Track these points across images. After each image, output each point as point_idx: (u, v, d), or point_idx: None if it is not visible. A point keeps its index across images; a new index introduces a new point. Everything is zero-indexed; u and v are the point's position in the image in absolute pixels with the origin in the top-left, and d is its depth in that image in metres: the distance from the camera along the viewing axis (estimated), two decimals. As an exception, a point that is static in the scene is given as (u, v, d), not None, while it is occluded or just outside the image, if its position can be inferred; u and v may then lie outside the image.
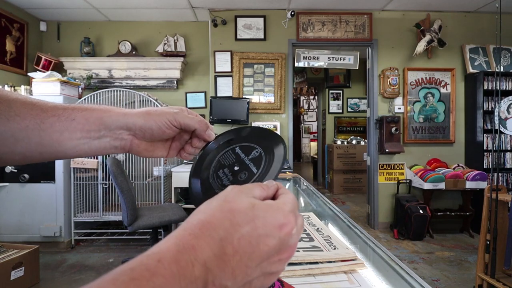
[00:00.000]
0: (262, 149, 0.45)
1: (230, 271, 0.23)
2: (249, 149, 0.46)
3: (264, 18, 3.67)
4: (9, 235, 2.91)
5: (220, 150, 0.47)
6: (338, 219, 1.01)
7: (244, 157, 0.45)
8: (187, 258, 0.22)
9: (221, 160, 0.46)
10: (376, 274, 0.58)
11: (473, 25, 3.75)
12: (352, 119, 6.12)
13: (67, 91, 3.16)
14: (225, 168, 0.45)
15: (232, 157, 0.46)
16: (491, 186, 2.01)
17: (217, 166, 0.46)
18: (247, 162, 0.45)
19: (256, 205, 0.26)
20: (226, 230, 0.24)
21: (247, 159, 0.45)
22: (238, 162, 0.45)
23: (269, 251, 0.25)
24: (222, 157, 0.46)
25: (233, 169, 0.45)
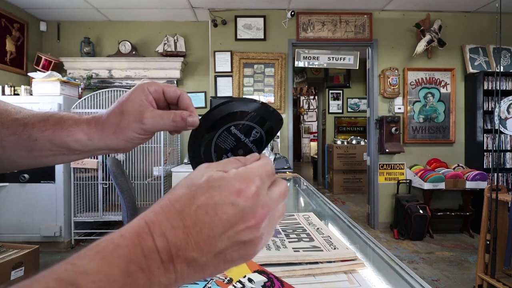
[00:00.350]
0: (261, 128, 0.41)
1: (194, 243, 0.23)
2: (247, 129, 0.42)
3: (264, 18, 3.67)
4: (9, 235, 2.91)
5: (215, 130, 0.42)
6: (338, 219, 1.01)
7: (244, 138, 0.42)
8: (147, 231, 0.23)
9: (220, 143, 0.42)
10: (376, 274, 0.58)
11: (473, 25, 3.75)
12: (352, 119, 6.12)
13: (67, 91, 3.16)
14: (228, 153, 0.42)
15: (231, 139, 0.42)
16: (491, 186, 2.01)
17: (217, 150, 0.42)
18: (250, 145, 0.41)
19: (212, 176, 0.26)
20: (183, 203, 0.24)
21: (248, 142, 0.41)
22: (239, 144, 0.42)
23: (230, 219, 0.24)
24: (220, 139, 0.42)
25: (236, 153, 0.42)
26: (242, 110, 0.42)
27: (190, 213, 0.24)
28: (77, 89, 3.34)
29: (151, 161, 3.27)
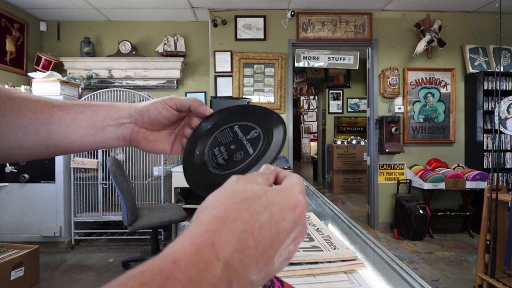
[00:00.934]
0: (262, 129, 0.43)
1: (255, 265, 0.22)
2: (248, 129, 0.44)
3: (264, 18, 3.67)
4: (9, 235, 2.91)
5: (219, 127, 0.45)
6: (338, 219, 1.01)
7: (242, 136, 0.43)
8: (207, 259, 0.19)
9: (218, 137, 0.44)
10: (376, 274, 0.58)
11: (473, 25, 3.75)
12: (352, 119, 6.12)
13: (67, 91, 3.16)
14: (221, 146, 0.43)
15: (230, 135, 0.44)
16: (491, 186, 2.01)
17: (214, 143, 0.44)
18: (245, 142, 0.43)
19: (268, 191, 0.25)
20: (246, 221, 0.22)
21: (244, 139, 0.43)
22: (235, 141, 0.43)
23: (287, 236, 0.24)
24: (220, 134, 0.44)
25: (229, 147, 0.43)
26: (252, 113, 0.45)
27: (254, 232, 0.22)
28: (77, 89, 3.34)
29: (151, 161, 3.27)
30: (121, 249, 3.07)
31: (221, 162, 0.42)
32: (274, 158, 0.40)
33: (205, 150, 0.44)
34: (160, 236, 3.19)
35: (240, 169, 0.41)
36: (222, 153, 0.43)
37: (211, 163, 0.43)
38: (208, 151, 0.43)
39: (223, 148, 0.43)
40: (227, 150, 0.43)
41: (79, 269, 2.60)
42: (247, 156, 0.42)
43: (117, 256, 2.88)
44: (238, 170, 0.41)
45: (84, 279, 2.42)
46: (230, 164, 0.42)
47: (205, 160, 0.43)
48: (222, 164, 0.42)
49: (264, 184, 0.28)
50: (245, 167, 0.41)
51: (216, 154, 0.43)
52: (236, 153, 0.42)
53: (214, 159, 0.43)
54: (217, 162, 0.42)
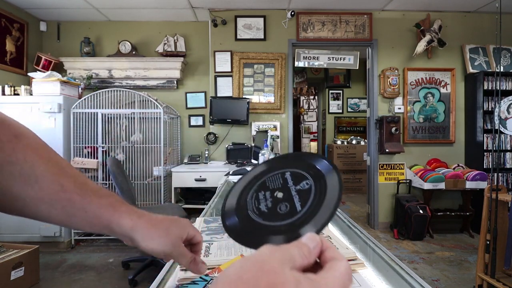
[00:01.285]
0: (314, 182, 0.38)
1: None
2: (299, 177, 0.40)
3: (264, 18, 3.67)
4: (9, 235, 2.91)
5: (271, 171, 0.42)
6: (338, 219, 1.01)
7: (291, 185, 0.39)
8: None
9: (267, 182, 0.41)
10: (376, 274, 0.58)
11: (473, 25, 3.75)
12: (352, 119, 6.12)
13: (67, 91, 3.16)
14: (268, 192, 0.40)
15: (279, 182, 0.40)
16: (491, 186, 2.01)
17: (261, 186, 0.41)
18: (293, 193, 0.38)
19: (301, 284, 0.20)
20: None
21: (293, 189, 0.39)
22: (283, 188, 0.39)
23: None
24: (270, 179, 0.41)
25: (275, 195, 0.39)
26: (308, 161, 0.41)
27: None
28: (77, 89, 3.34)
29: (151, 161, 3.27)
30: (121, 249, 3.07)
31: (263, 209, 0.38)
32: (322, 224, 0.35)
33: (251, 191, 0.41)
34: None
35: (281, 227, 0.36)
36: (267, 199, 0.39)
37: (253, 206, 0.39)
38: (253, 194, 0.41)
39: (269, 193, 0.40)
40: (273, 197, 0.39)
41: (79, 269, 2.60)
42: (292, 212, 0.37)
43: (117, 256, 2.88)
44: (278, 228, 0.36)
45: (84, 279, 2.42)
46: (272, 216, 0.38)
47: (247, 201, 0.40)
48: (263, 212, 0.38)
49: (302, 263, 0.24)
50: (287, 226, 0.36)
51: (260, 199, 0.40)
52: (281, 204, 0.38)
53: (256, 203, 0.39)
54: (259, 208, 0.39)
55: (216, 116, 3.56)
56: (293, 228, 0.35)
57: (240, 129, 3.70)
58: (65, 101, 3.03)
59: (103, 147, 3.17)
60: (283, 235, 0.35)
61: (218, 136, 3.71)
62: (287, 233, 0.35)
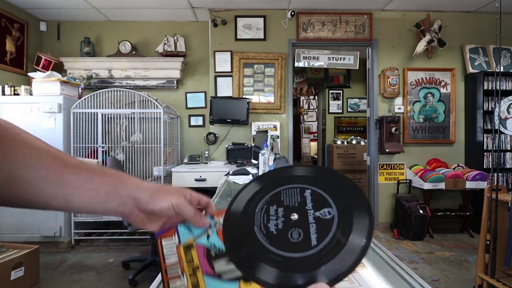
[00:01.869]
0: (338, 213, 0.32)
1: None
2: (322, 202, 0.33)
3: (264, 18, 3.67)
4: (9, 235, 2.91)
5: (289, 181, 0.35)
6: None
7: (310, 208, 0.33)
8: None
9: (282, 193, 0.34)
10: (376, 274, 0.58)
11: (473, 25, 3.75)
12: (352, 119, 6.12)
13: (67, 91, 3.16)
14: (281, 208, 0.33)
15: (296, 199, 0.34)
16: (491, 186, 2.01)
17: (274, 198, 0.34)
18: (310, 220, 0.32)
19: None
20: None
21: (311, 214, 0.32)
22: (299, 209, 0.33)
23: None
24: (286, 191, 0.35)
25: (289, 215, 0.33)
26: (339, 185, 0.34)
27: None
28: (77, 89, 3.34)
29: (151, 161, 3.27)
30: (121, 249, 3.07)
31: (272, 229, 0.33)
32: (339, 276, 0.28)
33: (262, 200, 0.34)
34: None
35: (287, 259, 0.30)
36: (278, 217, 0.33)
37: (260, 222, 0.33)
38: (263, 205, 0.34)
39: (282, 211, 0.33)
40: (285, 217, 0.33)
41: (79, 269, 2.60)
42: (306, 245, 0.31)
43: (117, 256, 2.88)
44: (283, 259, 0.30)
45: (84, 279, 2.42)
46: (279, 242, 0.32)
47: (256, 213, 0.34)
48: (271, 233, 0.32)
49: None
50: (294, 261, 0.30)
51: (270, 214, 0.34)
52: (294, 230, 0.32)
53: (265, 218, 0.33)
54: (267, 226, 0.33)
55: (216, 116, 3.56)
56: (300, 266, 0.29)
57: (240, 129, 3.70)
58: (65, 101, 3.03)
59: (103, 147, 3.17)
60: (285, 270, 0.30)
61: (218, 136, 3.71)
62: (291, 269, 0.30)
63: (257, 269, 0.30)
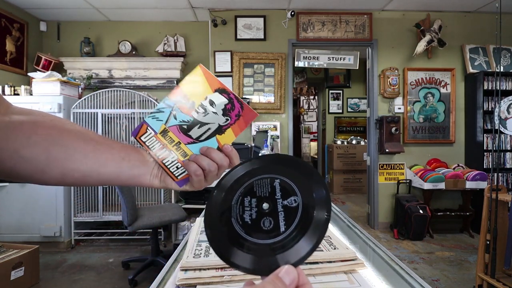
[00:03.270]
0: (302, 201, 0.36)
1: None
2: (288, 191, 0.37)
3: (264, 18, 3.67)
4: (9, 235, 2.91)
5: (260, 172, 0.37)
6: (338, 219, 1.01)
7: (279, 198, 0.36)
8: None
9: (255, 185, 0.37)
10: (376, 274, 0.58)
11: (473, 25, 3.75)
12: (352, 119, 6.12)
13: (67, 91, 3.16)
14: (254, 198, 0.37)
15: (267, 189, 0.37)
16: (491, 186, 2.01)
17: (248, 189, 0.37)
18: (279, 208, 0.36)
19: None
20: None
21: (280, 203, 0.36)
22: (270, 199, 0.36)
23: None
24: (258, 182, 0.37)
25: (261, 205, 0.36)
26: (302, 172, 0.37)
27: None
28: (77, 89, 3.34)
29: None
30: (121, 249, 3.07)
31: (247, 219, 0.36)
32: (302, 258, 0.33)
33: (237, 192, 0.37)
34: (160, 236, 3.19)
35: (261, 245, 0.35)
36: (252, 208, 0.37)
37: (237, 214, 0.37)
38: (239, 197, 0.37)
39: (255, 201, 0.37)
40: (258, 207, 0.36)
41: (79, 269, 2.60)
42: (275, 231, 0.35)
43: (117, 256, 2.88)
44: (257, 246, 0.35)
45: (84, 279, 2.42)
46: (254, 231, 0.36)
47: (232, 206, 0.37)
48: (246, 223, 0.36)
49: None
50: (266, 249, 0.35)
51: (245, 206, 0.37)
52: (265, 219, 0.36)
53: (241, 210, 0.37)
54: (243, 217, 0.36)
55: (216, 116, 3.56)
56: (272, 252, 0.34)
57: (240, 129, 3.70)
58: (65, 101, 3.03)
59: (103, 147, 3.17)
60: (259, 256, 0.34)
61: (218, 136, 3.70)
62: (264, 255, 0.34)
63: (233, 255, 0.35)
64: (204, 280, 0.55)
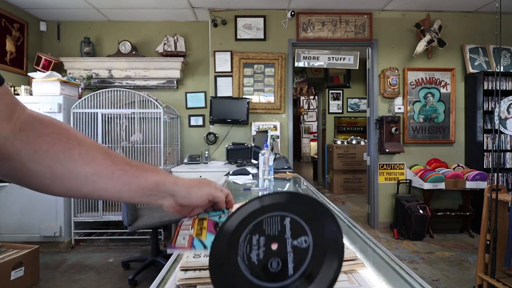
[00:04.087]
0: (314, 242, 0.34)
1: None
2: (299, 230, 0.35)
3: (264, 18, 3.67)
4: (9, 235, 2.91)
5: (271, 210, 0.35)
6: (338, 219, 1.01)
7: (288, 237, 0.35)
8: None
9: (264, 222, 0.35)
10: (376, 274, 0.58)
11: (473, 25, 3.75)
12: (352, 119, 6.12)
13: (67, 91, 3.16)
14: (263, 237, 0.35)
15: (277, 227, 0.35)
16: (491, 186, 2.01)
17: (257, 227, 0.35)
18: (288, 248, 0.34)
19: None
20: None
21: (289, 243, 0.34)
22: (279, 238, 0.35)
23: None
24: (268, 220, 0.35)
25: (269, 244, 0.34)
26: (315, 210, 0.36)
27: None
28: (77, 89, 3.34)
29: (151, 161, 3.26)
30: (121, 249, 3.07)
31: (254, 259, 0.34)
32: None
33: (246, 230, 0.35)
34: (160, 236, 3.19)
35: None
36: (260, 247, 0.35)
37: (243, 253, 0.35)
38: (247, 235, 0.35)
39: (264, 240, 0.35)
40: (266, 247, 0.35)
41: (79, 269, 2.60)
42: (283, 273, 0.33)
43: (117, 256, 2.88)
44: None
45: (84, 279, 2.42)
46: (261, 272, 0.33)
47: (239, 243, 0.35)
48: (253, 264, 0.34)
49: None
50: None
51: (253, 244, 0.35)
52: (273, 259, 0.34)
53: (248, 248, 0.35)
54: (249, 257, 0.34)
55: (216, 116, 3.56)
56: None
57: (240, 129, 3.70)
58: (65, 101, 3.03)
59: (103, 147, 3.17)
60: None
61: (218, 136, 3.71)
62: None
63: None
64: (204, 280, 0.55)
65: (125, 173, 0.47)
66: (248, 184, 1.84)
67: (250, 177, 2.09)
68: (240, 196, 1.53)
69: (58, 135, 0.44)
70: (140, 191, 0.48)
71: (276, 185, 1.81)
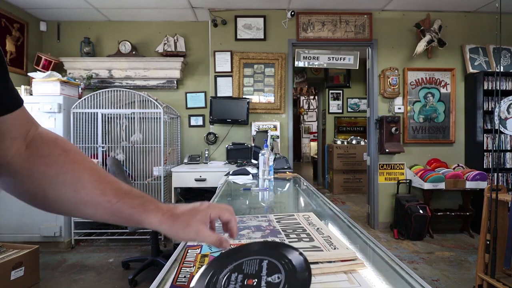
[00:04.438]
0: (286, 278, 0.38)
1: None
2: (274, 269, 0.40)
3: (264, 18, 3.67)
4: (9, 235, 2.91)
5: (252, 254, 0.42)
6: (338, 219, 1.01)
7: (264, 275, 0.39)
8: None
9: (244, 264, 0.41)
10: (376, 274, 0.58)
11: (473, 25, 3.75)
12: (352, 119, 6.12)
13: (67, 91, 3.16)
14: (241, 275, 0.40)
15: (255, 267, 0.40)
16: (491, 186, 2.01)
17: (238, 266, 0.41)
18: (262, 284, 0.38)
19: None
20: None
21: (264, 280, 0.38)
22: (256, 276, 0.39)
23: None
24: (248, 262, 0.41)
25: (245, 282, 0.39)
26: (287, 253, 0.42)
27: None
28: (77, 89, 3.34)
29: (151, 161, 3.27)
30: (121, 249, 3.07)
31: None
32: None
33: (227, 268, 0.41)
34: (160, 236, 3.19)
35: None
36: (237, 283, 0.39)
37: (221, 286, 0.40)
38: (227, 272, 0.41)
39: (241, 278, 0.40)
40: (243, 284, 0.39)
41: (79, 269, 2.60)
42: None
43: (117, 256, 2.88)
44: None
45: (84, 279, 2.42)
46: None
47: (219, 279, 0.40)
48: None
49: None
50: None
51: (231, 280, 0.40)
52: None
53: (226, 283, 0.40)
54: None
55: (216, 116, 3.56)
56: None
57: (240, 129, 3.70)
58: (65, 101, 3.03)
59: (103, 147, 3.17)
60: None
61: (218, 136, 3.71)
62: None
63: None
64: (204, 280, 0.55)
65: (111, 206, 0.47)
66: (248, 184, 1.84)
67: (250, 177, 2.09)
68: (240, 196, 1.53)
69: (55, 158, 0.46)
70: (126, 222, 0.49)
71: (276, 185, 1.81)
